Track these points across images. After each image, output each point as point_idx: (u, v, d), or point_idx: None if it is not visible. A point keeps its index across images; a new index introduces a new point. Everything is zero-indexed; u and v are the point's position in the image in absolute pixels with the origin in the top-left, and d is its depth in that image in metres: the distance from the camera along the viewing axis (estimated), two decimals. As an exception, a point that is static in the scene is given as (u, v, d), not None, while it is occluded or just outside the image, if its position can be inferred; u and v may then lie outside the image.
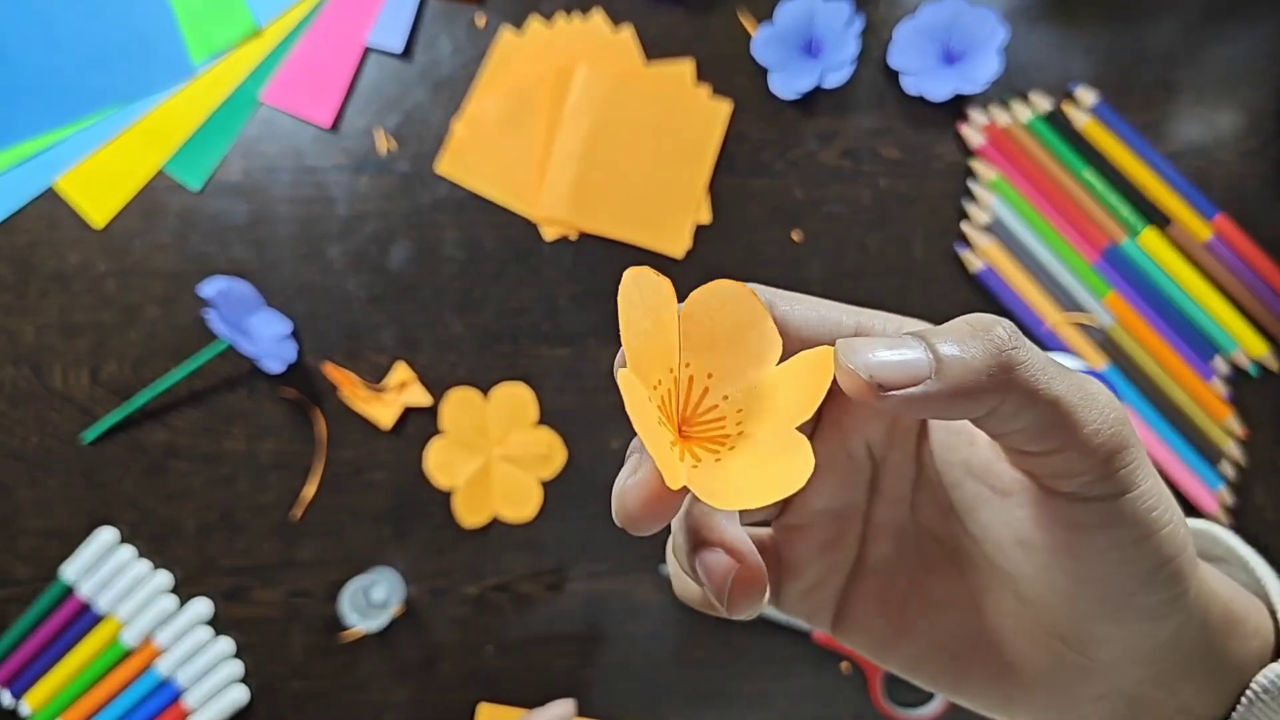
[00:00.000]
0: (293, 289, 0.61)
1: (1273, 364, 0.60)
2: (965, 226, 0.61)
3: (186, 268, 0.60)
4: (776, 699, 0.60)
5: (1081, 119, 0.61)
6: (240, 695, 0.59)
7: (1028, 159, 0.61)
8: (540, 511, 0.60)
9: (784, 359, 0.22)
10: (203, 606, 0.60)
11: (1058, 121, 0.61)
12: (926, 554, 0.26)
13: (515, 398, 0.60)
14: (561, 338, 0.61)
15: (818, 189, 0.61)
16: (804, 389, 0.21)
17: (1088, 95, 0.61)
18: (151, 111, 0.61)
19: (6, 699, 0.60)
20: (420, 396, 0.60)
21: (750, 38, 0.61)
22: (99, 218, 0.60)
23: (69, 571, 0.59)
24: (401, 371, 0.60)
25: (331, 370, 0.60)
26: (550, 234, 0.61)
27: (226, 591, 0.60)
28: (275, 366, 0.58)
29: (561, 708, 0.58)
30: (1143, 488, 0.21)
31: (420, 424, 0.60)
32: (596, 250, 0.61)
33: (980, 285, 0.61)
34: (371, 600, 0.58)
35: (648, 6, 0.62)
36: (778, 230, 0.61)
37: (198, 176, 0.61)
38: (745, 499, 0.19)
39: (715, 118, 0.61)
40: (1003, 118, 0.61)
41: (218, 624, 0.60)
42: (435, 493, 0.60)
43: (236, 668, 0.60)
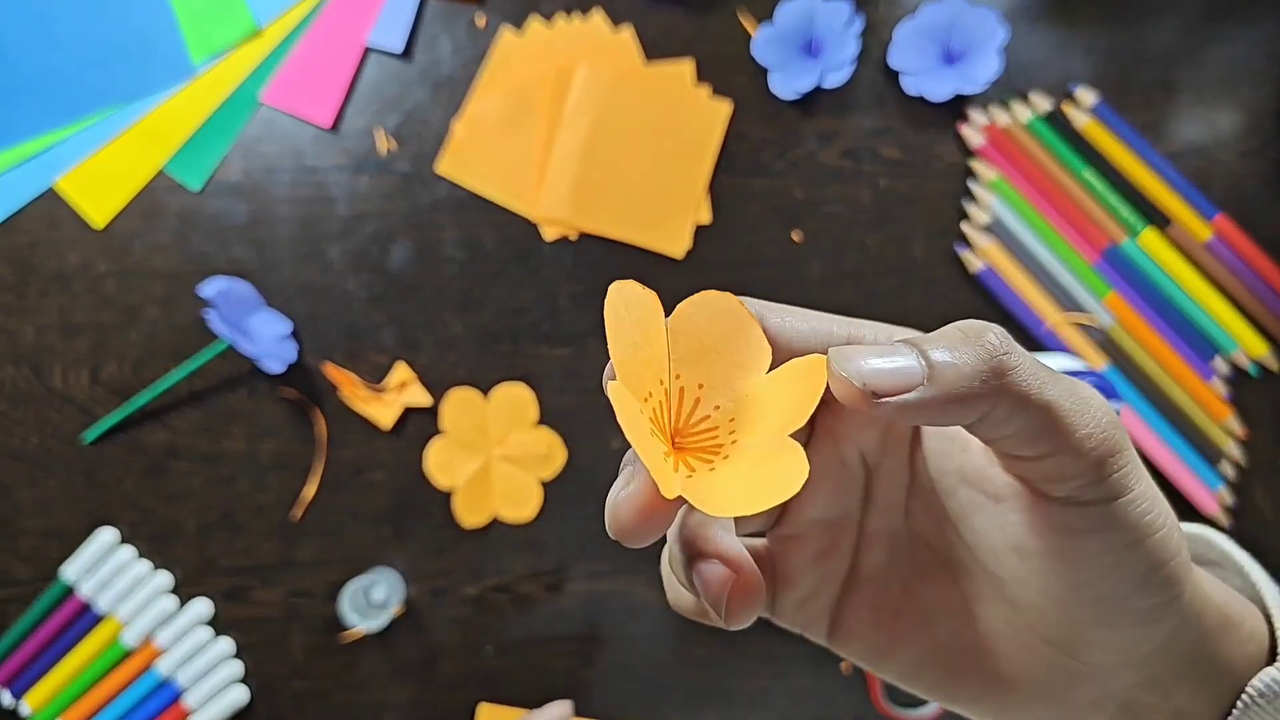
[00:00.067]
0: (293, 289, 0.61)
1: (1273, 364, 0.60)
2: (965, 226, 0.61)
3: (186, 268, 0.60)
4: (776, 698, 0.60)
5: (1081, 119, 0.61)
6: (240, 695, 0.59)
7: (1028, 159, 0.61)
8: (540, 512, 0.60)
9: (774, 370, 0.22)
10: (203, 607, 0.60)
11: (1058, 121, 0.61)
12: (920, 561, 0.26)
13: (515, 398, 0.60)
14: (561, 338, 0.61)
15: (818, 189, 0.61)
16: (796, 397, 0.21)
17: (1088, 95, 0.61)
18: (151, 112, 0.61)
19: (7, 699, 0.60)
20: (420, 396, 0.60)
21: (750, 38, 0.61)
22: (99, 218, 0.60)
23: (69, 572, 0.59)
24: (401, 371, 0.60)
25: (331, 370, 0.60)
26: (550, 234, 0.61)
27: (226, 592, 0.60)
28: (275, 366, 0.58)
29: (559, 709, 0.58)
30: (1135, 492, 0.21)
31: (420, 424, 0.60)
32: (596, 250, 0.61)
33: (980, 285, 0.61)
34: (371, 600, 0.58)
35: (647, 7, 0.62)
36: (778, 230, 0.61)
37: (198, 177, 0.61)
38: (741, 506, 0.19)
39: (715, 118, 0.61)
40: (1003, 118, 0.61)
41: (218, 624, 0.60)
42: (435, 493, 0.60)
43: (236, 668, 0.60)
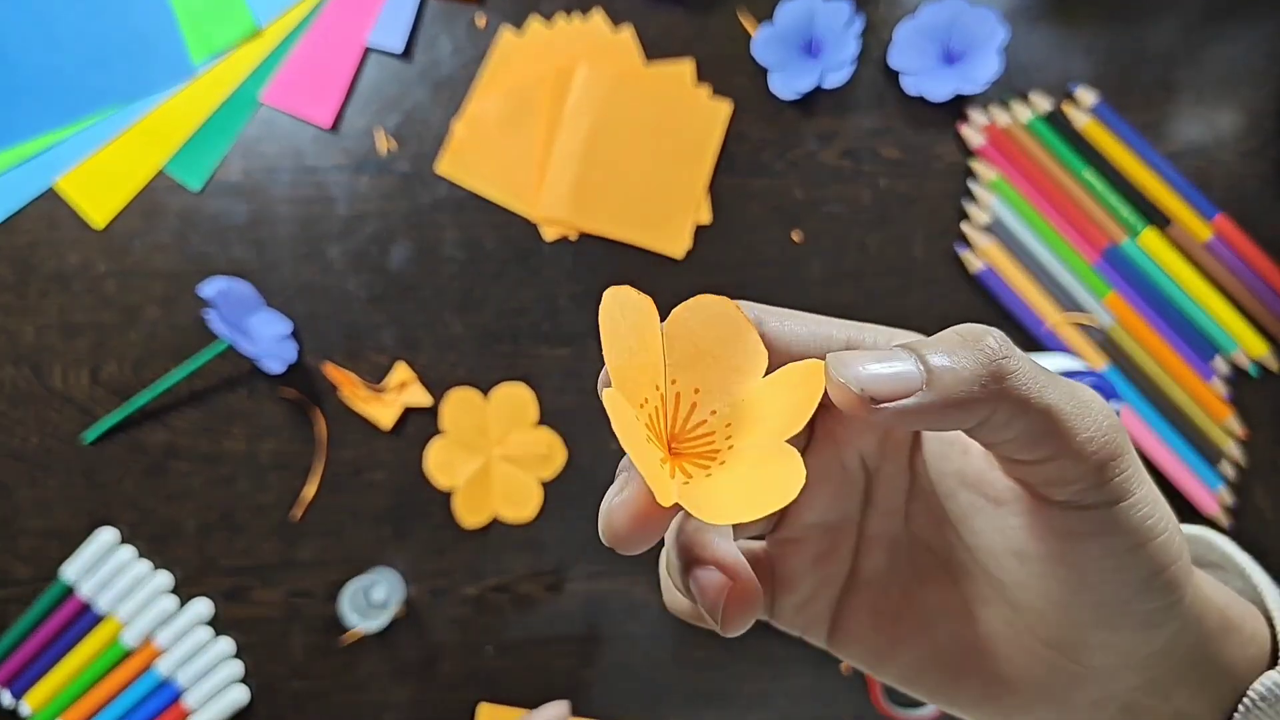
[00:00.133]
0: (293, 289, 0.61)
1: (1273, 364, 0.60)
2: (965, 226, 0.61)
3: (186, 268, 0.60)
4: (776, 699, 0.60)
5: (1081, 119, 0.61)
6: (240, 695, 0.59)
7: (1028, 159, 0.61)
8: (540, 512, 0.60)
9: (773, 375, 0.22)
10: (203, 607, 0.60)
11: (1058, 122, 0.61)
12: (920, 565, 0.25)
13: (515, 398, 0.60)
14: (561, 338, 0.61)
15: (818, 189, 0.61)
16: (793, 402, 0.21)
17: (1088, 95, 0.61)
18: (151, 112, 0.61)
19: (7, 699, 0.60)
20: (420, 396, 0.60)
21: (750, 38, 0.61)
22: (99, 218, 0.60)
23: (69, 572, 0.59)
24: (401, 371, 0.60)
25: (332, 370, 0.60)
26: (550, 234, 0.61)
27: (226, 592, 0.60)
28: (275, 367, 0.58)
29: (556, 709, 0.58)
30: (1137, 495, 0.21)
31: (420, 424, 0.60)
32: (596, 250, 0.61)
33: (980, 285, 0.61)
34: (371, 600, 0.58)
35: (648, 6, 0.62)
36: (778, 230, 0.61)
37: (198, 177, 0.61)
38: (737, 513, 0.19)
39: (715, 118, 0.61)
40: (1003, 118, 0.61)
41: (218, 624, 0.60)
42: (435, 493, 0.60)
43: (236, 668, 0.60)
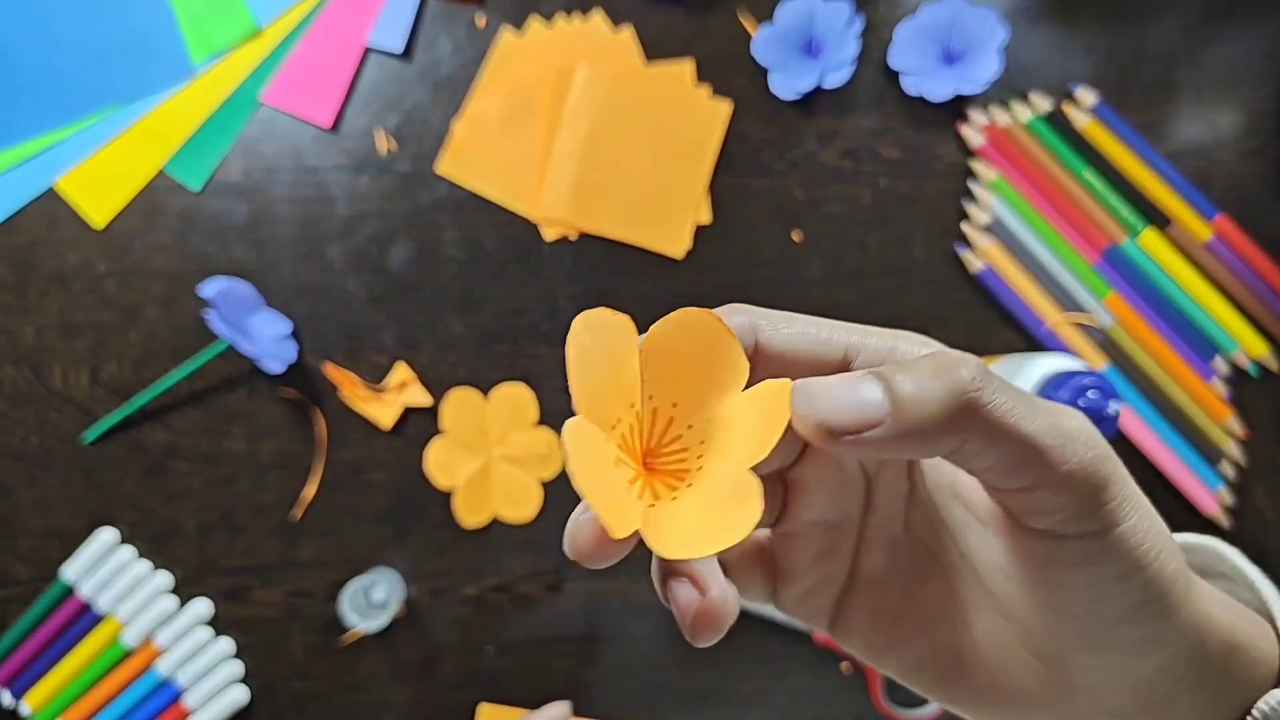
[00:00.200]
0: (293, 289, 0.61)
1: (1272, 364, 0.60)
2: (965, 227, 0.61)
3: (186, 268, 0.60)
4: (776, 699, 0.60)
5: (1081, 119, 0.61)
6: (240, 695, 0.59)
7: (1028, 159, 0.61)
8: (540, 512, 0.60)
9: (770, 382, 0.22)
10: (203, 607, 0.60)
11: (1058, 122, 0.61)
12: (920, 566, 0.26)
13: (515, 398, 0.60)
14: (561, 338, 0.60)
15: (818, 189, 0.61)
16: (763, 422, 0.21)
17: (1088, 95, 0.61)
18: (151, 112, 0.61)
19: (7, 699, 0.60)
20: (420, 396, 0.60)
21: (750, 38, 0.61)
22: (99, 218, 0.60)
23: (69, 572, 0.59)
24: (402, 372, 0.60)
25: (332, 370, 0.60)
26: (550, 234, 0.61)
27: (226, 592, 0.60)
28: (275, 367, 0.58)
29: (557, 709, 0.58)
30: (1125, 526, 0.20)
31: (420, 424, 0.60)
32: (596, 250, 0.61)
33: (980, 285, 0.61)
34: (372, 600, 0.58)
35: (648, 7, 0.62)
36: (778, 230, 0.61)
37: (198, 177, 0.61)
38: (688, 549, 0.20)
39: (715, 118, 0.61)
40: (1003, 118, 0.61)
41: (218, 624, 0.60)
42: (435, 493, 0.60)
43: (236, 668, 0.60)
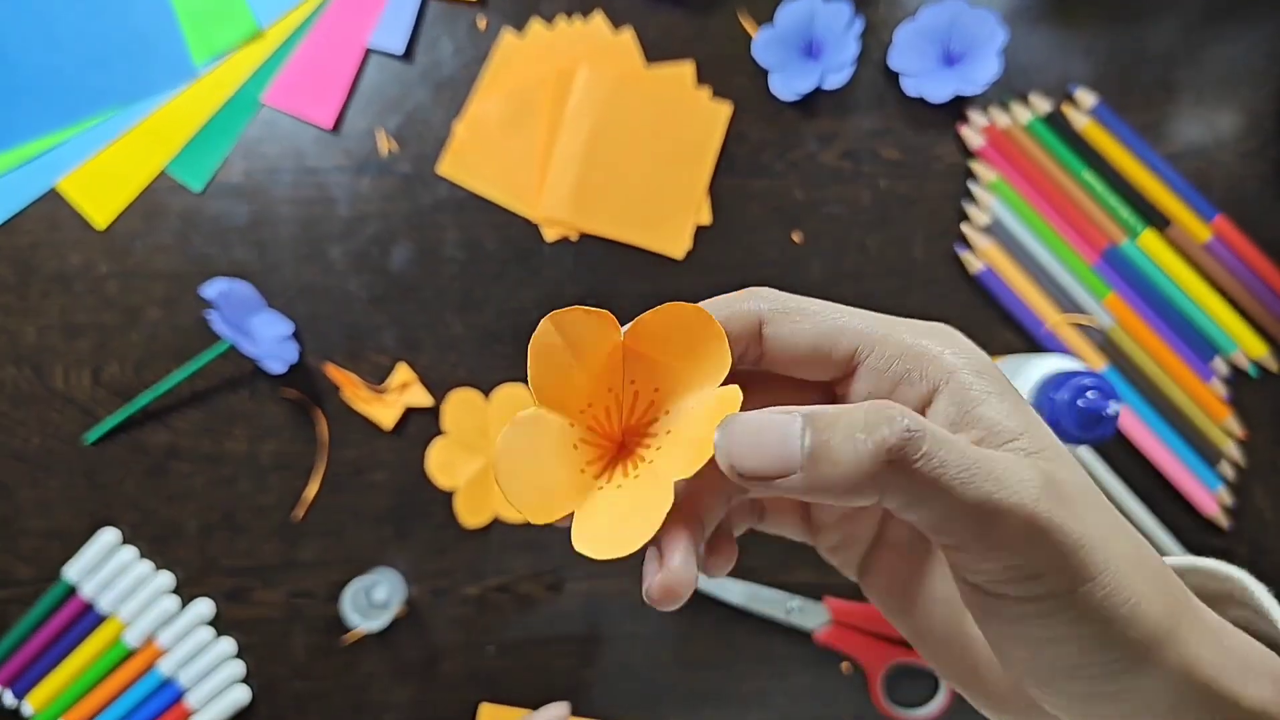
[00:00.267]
0: (294, 290, 0.61)
1: (1272, 365, 0.60)
2: (965, 228, 0.61)
3: (188, 269, 0.61)
4: (776, 699, 0.60)
5: (1081, 120, 0.61)
6: (242, 695, 0.59)
7: (1027, 160, 0.61)
8: (541, 512, 0.60)
9: (775, 380, 0.23)
10: (204, 607, 0.60)
11: (1057, 123, 0.61)
12: (931, 550, 0.26)
13: (516, 398, 0.61)
14: (562, 339, 0.61)
15: (818, 190, 0.62)
16: (705, 435, 0.21)
17: (1087, 97, 0.61)
18: (153, 113, 0.61)
19: (9, 699, 0.60)
20: (421, 397, 0.60)
21: (751, 39, 0.61)
22: (101, 219, 0.61)
23: (71, 572, 0.60)
24: (403, 372, 0.60)
25: (333, 371, 0.60)
26: (551, 235, 0.61)
27: (228, 592, 0.60)
28: (277, 367, 0.58)
29: (557, 709, 0.58)
30: (1083, 588, 0.19)
31: (421, 424, 0.61)
32: (597, 251, 0.61)
33: (980, 286, 0.61)
34: (373, 600, 0.58)
35: (648, 8, 0.62)
36: (778, 231, 0.61)
37: (199, 177, 0.61)
38: (593, 549, 0.21)
39: (715, 119, 0.61)
40: (1002, 119, 0.61)
41: (219, 624, 0.60)
42: (436, 493, 0.60)
43: (238, 668, 0.60)
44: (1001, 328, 0.61)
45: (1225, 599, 0.26)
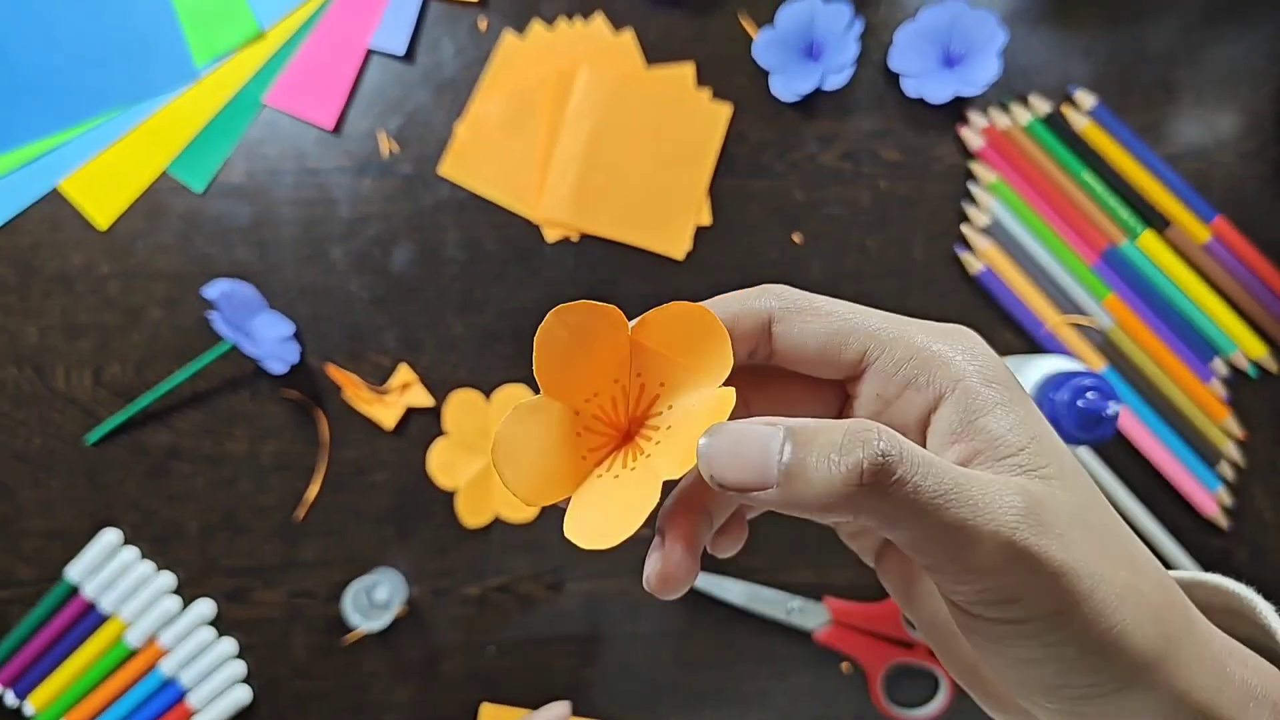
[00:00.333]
0: (295, 291, 0.61)
1: (1271, 365, 0.60)
2: (965, 228, 0.61)
3: (189, 269, 0.61)
4: (776, 699, 0.60)
5: (1080, 122, 0.61)
6: (243, 695, 0.59)
7: (1027, 161, 0.61)
8: (541, 512, 0.60)
9: (789, 377, 0.23)
10: (206, 607, 0.60)
11: (1057, 124, 0.61)
12: None
13: (517, 399, 0.61)
14: (563, 339, 0.61)
15: (818, 191, 0.62)
16: (694, 439, 0.22)
17: (1087, 98, 0.61)
18: (155, 114, 0.61)
19: (11, 699, 0.60)
20: (422, 397, 0.60)
21: (751, 40, 0.62)
22: (102, 219, 0.61)
23: (73, 572, 0.60)
24: (404, 373, 0.60)
25: (334, 371, 0.60)
26: (552, 235, 0.61)
27: (229, 592, 0.60)
28: (278, 368, 0.58)
29: (557, 709, 0.58)
30: (1069, 613, 0.19)
31: (422, 425, 0.61)
32: (597, 251, 0.61)
33: (980, 287, 0.61)
34: (374, 600, 0.58)
35: (649, 10, 0.62)
36: (778, 232, 0.62)
37: (201, 178, 0.61)
38: (581, 537, 0.22)
39: (716, 120, 0.62)
40: (1002, 120, 0.61)
41: (220, 625, 0.60)
42: (437, 493, 0.60)
43: (239, 668, 0.60)
44: (1001, 328, 0.61)
45: (1237, 614, 0.26)
